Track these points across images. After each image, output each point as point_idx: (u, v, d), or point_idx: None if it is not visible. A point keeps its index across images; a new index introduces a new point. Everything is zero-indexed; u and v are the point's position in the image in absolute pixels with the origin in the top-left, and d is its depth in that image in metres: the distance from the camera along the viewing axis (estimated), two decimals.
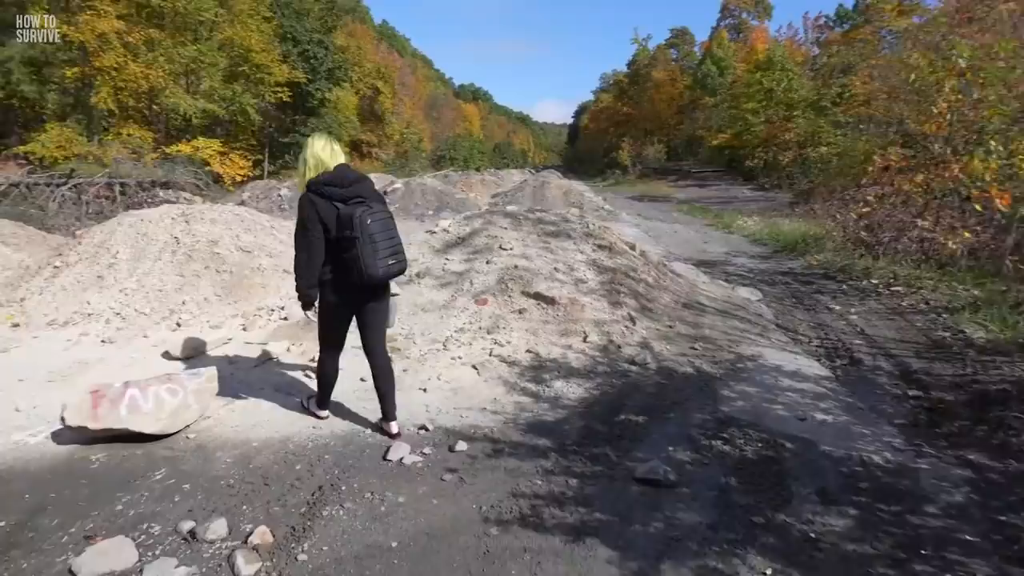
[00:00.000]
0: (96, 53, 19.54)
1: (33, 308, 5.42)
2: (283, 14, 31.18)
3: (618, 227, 13.23)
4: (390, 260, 2.83)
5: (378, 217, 2.81)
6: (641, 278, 5.61)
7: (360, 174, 3.01)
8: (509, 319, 4.71)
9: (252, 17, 27.73)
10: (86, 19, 18.94)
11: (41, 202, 15.35)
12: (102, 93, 19.70)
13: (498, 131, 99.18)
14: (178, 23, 23.77)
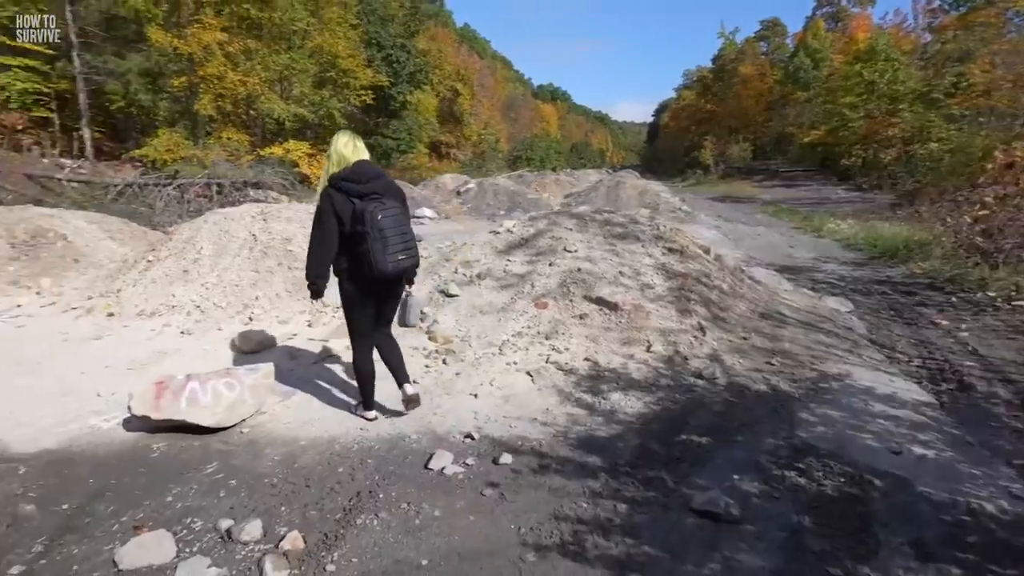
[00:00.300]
0: (201, 63, 21.17)
1: (127, 299, 5.83)
2: (369, 20, 32.47)
3: (694, 229, 12.62)
4: (400, 255, 2.88)
5: (390, 213, 2.85)
6: (714, 284, 5.23)
7: (379, 171, 3.03)
8: (569, 324, 4.52)
9: (340, 25, 29.06)
10: (193, 32, 20.55)
11: (150, 201, 16.80)
12: (204, 100, 21.28)
13: (576, 131, 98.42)
14: (274, 33, 25.25)
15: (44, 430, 3.25)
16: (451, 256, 5.89)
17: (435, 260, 6.04)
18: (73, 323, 5.45)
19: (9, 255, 7.31)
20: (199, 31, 20.58)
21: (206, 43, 20.72)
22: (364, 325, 3.19)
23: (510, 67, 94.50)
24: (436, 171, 31.84)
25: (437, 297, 5.10)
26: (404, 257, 2.91)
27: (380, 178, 2.99)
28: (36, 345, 4.82)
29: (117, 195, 16.76)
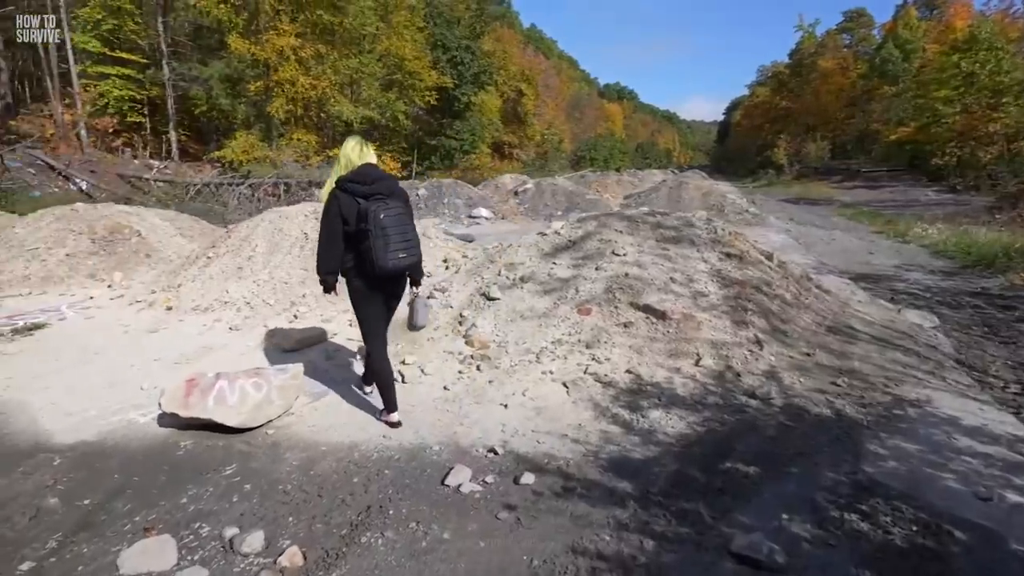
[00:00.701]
0: (275, 68, 22.18)
1: (185, 294, 6.06)
2: (435, 23, 32.99)
3: (761, 233, 11.91)
4: (400, 253, 2.98)
5: (392, 213, 2.96)
6: (776, 293, 4.81)
7: (383, 173, 3.14)
8: (612, 333, 4.26)
9: (407, 28, 29.69)
10: (268, 38, 21.56)
11: (224, 199, 17.75)
12: (276, 103, 22.27)
13: (642, 130, 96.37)
14: (345, 38, 26.08)
15: (87, 421, 3.35)
16: (496, 258, 5.74)
17: (480, 262, 5.90)
18: (135, 316, 5.71)
19: (89, 250, 7.81)
20: (274, 37, 21.54)
21: (280, 48, 21.67)
22: (374, 323, 3.26)
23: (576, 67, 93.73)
24: (497, 171, 31.92)
25: (478, 300, 4.96)
26: (404, 255, 3.00)
27: (384, 180, 3.10)
28: (99, 336, 5.07)
29: (196, 193, 17.79)
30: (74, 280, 7.21)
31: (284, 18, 23.03)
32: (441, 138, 34.78)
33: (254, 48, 21.56)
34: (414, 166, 34.30)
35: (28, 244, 7.82)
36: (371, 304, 3.20)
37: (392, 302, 3.33)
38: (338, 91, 25.23)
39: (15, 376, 4.07)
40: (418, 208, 15.85)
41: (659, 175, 40.11)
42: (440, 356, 4.25)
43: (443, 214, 15.21)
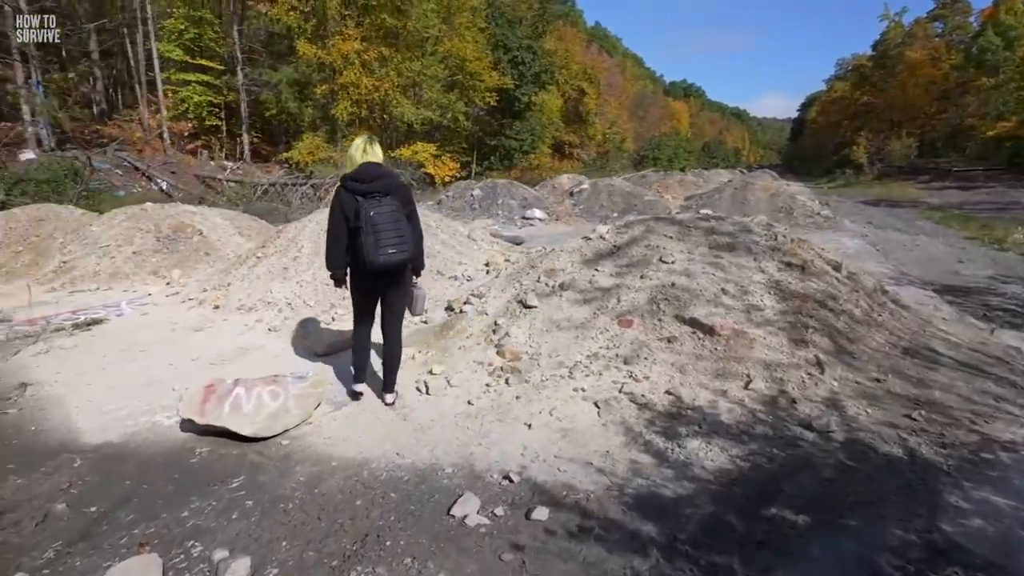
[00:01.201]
0: (340, 71, 22.85)
1: (232, 293, 6.18)
2: (497, 24, 33.03)
3: (834, 238, 11.06)
4: (391, 249, 3.09)
5: (384, 210, 3.09)
6: (843, 309, 4.31)
7: (383, 171, 3.25)
8: (653, 348, 3.94)
9: (469, 29, 29.86)
10: (334, 43, 22.22)
11: (289, 199, 18.40)
12: (341, 106, 22.93)
13: (709, 128, 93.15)
14: (408, 41, 26.50)
15: (117, 420, 3.39)
16: (537, 263, 5.51)
17: (521, 266, 5.69)
18: (185, 314, 5.87)
19: (154, 247, 8.18)
20: (339, 42, 22.19)
21: (345, 52, 22.29)
22: (360, 308, 3.56)
23: (640, 65, 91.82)
24: (557, 171, 31.61)
25: (514, 307, 4.75)
26: (394, 251, 3.11)
27: (383, 178, 3.22)
28: (148, 333, 5.22)
29: (263, 193, 18.54)
30: (138, 277, 7.56)
31: (350, 23, 23.70)
32: (501, 138, 34.79)
33: (320, 52, 22.30)
34: (473, 166, 34.52)
35: (101, 241, 8.29)
36: (363, 296, 3.47)
37: (396, 293, 3.47)
38: (400, 93, 25.67)
39: (63, 371, 4.22)
40: (472, 209, 15.84)
41: (725, 175, 38.51)
42: (469, 367, 4.07)
43: (496, 215, 15.11)
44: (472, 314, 4.92)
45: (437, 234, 7.03)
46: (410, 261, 3.30)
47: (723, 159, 73.64)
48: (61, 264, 7.94)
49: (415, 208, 3.41)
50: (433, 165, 28.48)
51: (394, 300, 3.48)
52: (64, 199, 14.38)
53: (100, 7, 24.69)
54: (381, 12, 24.25)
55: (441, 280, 6.05)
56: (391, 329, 3.54)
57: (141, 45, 23.16)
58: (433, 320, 5.24)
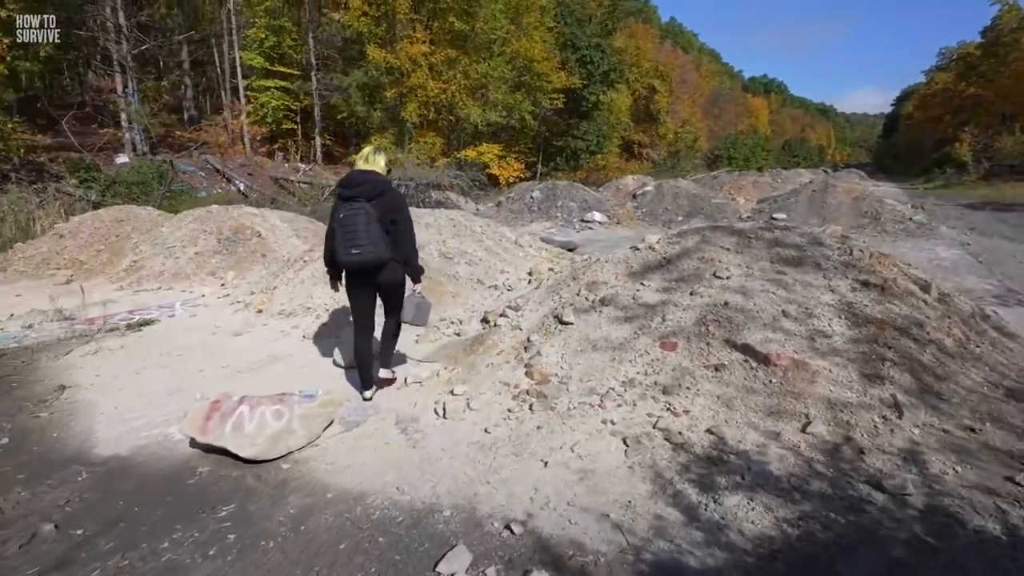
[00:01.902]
0: (408, 75, 23.24)
1: (277, 297, 6.22)
2: (566, 23, 32.57)
3: (927, 247, 9.92)
4: (353, 250, 3.31)
5: (352, 212, 3.29)
6: (930, 338, 3.68)
7: (369, 178, 3.43)
8: (698, 377, 3.50)
9: (537, 29, 29.59)
10: (402, 47, 22.62)
11: None
12: (409, 108, 23.31)
13: (791, 125, 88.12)
14: (476, 43, 26.59)
15: (133, 431, 3.37)
16: (579, 274, 5.15)
17: (563, 277, 5.35)
18: (230, 316, 5.95)
19: (215, 249, 8.46)
20: (407, 46, 22.56)
21: (412, 55, 22.64)
22: (353, 312, 3.74)
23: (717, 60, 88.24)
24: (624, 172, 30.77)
25: (550, 323, 4.42)
26: (357, 252, 3.30)
27: (365, 184, 3.40)
28: (190, 336, 5.30)
29: (330, 195, 19.10)
30: (197, 277, 7.82)
31: (419, 26, 24.07)
32: (567, 138, 34.28)
33: (389, 56, 22.77)
34: (539, 167, 34.26)
35: (168, 242, 8.68)
36: (352, 298, 3.69)
37: (388, 294, 3.71)
38: (467, 95, 25.77)
39: (102, 374, 4.32)
40: (531, 211, 15.57)
41: (807, 175, 36.24)
42: (494, 388, 3.79)
43: (555, 218, 14.76)
44: (506, 328, 4.64)
45: (482, 240, 6.81)
46: (375, 263, 3.39)
47: (805, 158, 69.39)
48: (132, 263, 8.37)
49: (403, 215, 3.54)
50: (498, 166, 28.47)
51: (388, 302, 3.77)
52: (150, 200, 15.39)
53: (193, 21, 26.44)
54: (449, 15, 24.49)
55: (481, 289, 5.81)
56: (388, 323, 3.87)
57: (227, 55, 24.56)
58: (466, 333, 5.01)
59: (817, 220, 12.70)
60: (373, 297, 3.69)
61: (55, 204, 12.25)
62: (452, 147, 26.98)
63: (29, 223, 11.38)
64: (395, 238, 3.50)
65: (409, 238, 3.59)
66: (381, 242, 3.35)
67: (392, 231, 3.48)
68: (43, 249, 9.62)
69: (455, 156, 25.98)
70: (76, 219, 10.71)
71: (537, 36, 29.15)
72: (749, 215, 13.84)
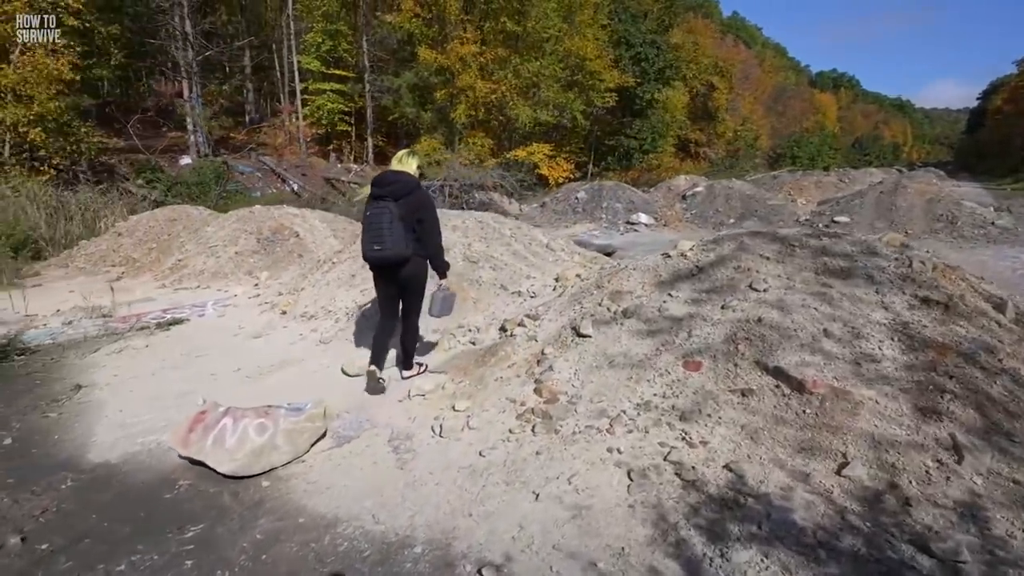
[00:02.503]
0: (458, 75, 23.28)
1: (303, 298, 6.20)
2: (620, 19, 31.85)
3: (1012, 256, 8.94)
4: (375, 245, 3.54)
5: (378, 210, 3.51)
6: (1002, 367, 3.16)
7: (398, 178, 3.61)
8: (722, 402, 3.14)
9: (590, 27, 29.02)
10: (452, 47, 22.68)
11: None
12: (458, 110, 23.36)
13: (862, 122, 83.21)
14: (528, 42, 26.32)
15: (127, 437, 3.34)
16: (604, 282, 4.83)
17: (588, 285, 5.04)
18: (256, 317, 5.97)
19: (254, 248, 8.61)
20: (457, 46, 22.60)
21: (462, 56, 22.66)
22: (379, 303, 4.03)
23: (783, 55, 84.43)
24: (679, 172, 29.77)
25: (567, 335, 4.13)
26: (378, 248, 3.53)
27: (394, 184, 3.59)
28: (214, 336, 5.33)
29: None
30: (235, 277, 7.97)
31: (469, 27, 24.06)
32: (620, 138, 33.52)
33: (440, 57, 22.88)
34: (591, 167, 33.69)
35: (211, 241, 8.91)
36: (377, 288, 3.95)
37: (405, 291, 3.86)
38: (517, 94, 25.51)
39: (121, 374, 4.36)
40: (575, 212, 15.21)
41: (878, 175, 34.01)
42: (499, 405, 3.55)
43: (600, 219, 14.35)
44: (521, 339, 4.39)
45: (510, 243, 6.56)
46: (395, 260, 3.58)
47: (878, 156, 65.36)
48: (177, 262, 8.63)
49: (428, 214, 3.70)
50: (547, 166, 28.13)
51: (406, 300, 3.92)
52: (207, 200, 16.03)
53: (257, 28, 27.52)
54: (501, 16, 24.33)
55: (503, 295, 5.57)
56: (404, 320, 4.01)
57: (286, 59, 25.41)
58: (483, 342, 4.78)
59: (884, 224, 11.74)
60: (395, 291, 3.87)
61: (119, 203, 12.90)
62: (503, 147, 26.81)
63: (94, 221, 12.02)
64: (420, 236, 3.68)
65: (434, 237, 3.77)
66: (402, 240, 3.53)
67: (418, 230, 3.66)
68: (103, 247, 10.11)
69: (504, 156, 25.85)
70: (135, 218, 11.23)
71: (590, 34, 28.60)
72: (808, 218, 12.97)
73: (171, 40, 19.39)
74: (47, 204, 11.68)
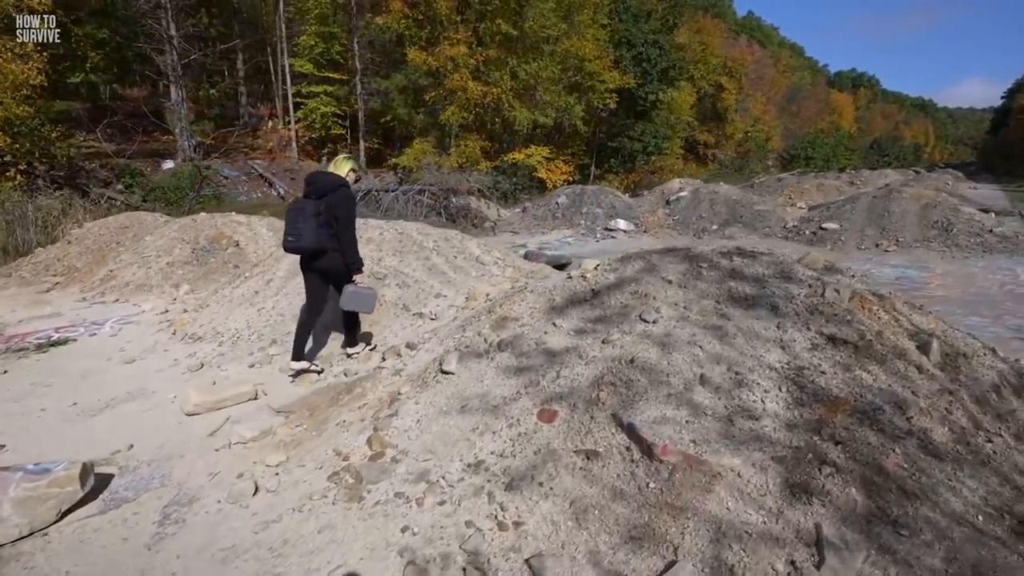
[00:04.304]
0: (448, 76, 22.78)
1: (203, 316, 5.73)
2: (620, 19, 31.13)
3: (1007, 267, 8.17)
4: (290, 237, 3.91)
5: (296, 207, 3.96)
6: (910, 427, 2.54)
7: (323, 178, 4.06)
8: (562, 466, 2.58)
9: (590, 27, 28.32)
10: (441, 49, 22.22)
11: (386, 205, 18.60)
12: (449, 111, 22.88)
13: (881, 123, 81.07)
14: (525, 43, 25.70)
15: None
16: (496, 307, 4.27)
17: (481, 308, 4.48)
18: (148, 337, 5.52)
19: (186, 259, 8.19)
20: (446, 47, 22.13)
21: (451, 56, 22.17)
22: (306, 292, 4.27)
23: (800, 55, 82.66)
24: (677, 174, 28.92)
25: (431, 371, 3.58)
26: (292, 239, 3.89)
27: (318, 184, 4.02)
28: (84, 362, 4.88)
29: (363, 200, 18.93)
30: (159, 289, 7.54)
31: (462, 28, 23.53)
32: (623, 140, 32.75)
33: (429, 59, 22.42)
34: (592, 170, 33.01)
35: (147, 251, 8.52)
36: (304, 279, 4.23)
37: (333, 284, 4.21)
38: (514, 96, 24.90)
39: None
40: (555, 218, 14.62)
41: (894, 175, 32.86)
42: (320, 459, 3.02)
43: (578, 225, 13.75)
44: (387, 373, 3.86)
45: (429, 257, 6.02)
46: (308, 250, 3.96)
47: (897, 157, 63.46)
48: (108, 272, 8.25)
49: (344, 212, 3.99)
50: (545, 169, 27.50)
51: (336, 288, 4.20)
52: (182, 205, 15.76)
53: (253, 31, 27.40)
54: (497, 17, 23.73)
55: (404, 317, 5.04)
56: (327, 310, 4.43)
57: (280, 62, 25.20)
58: (356, 373, 4.25)
59: (875, 231, 10.98)
60: (319, 282, 4.18)
61: (81, 210, 12.63)
62: (501, 150, 26.21)
63: (54, 228, 11.76)
64: (337, 232, 3.98)
65: (347, 233, 4.02)
66: (313, 233, 3.88)
67: (335, 226, 3.97)
68: (52, 255, 9.82)
69: (502, 159, 25.31)
70: (88, 225, 10.93)
71: (589, 34, 27.92)
72: (795, 224, 12.21)
73: (153, 43, 19.21)
74: (7, 211, 11.46)
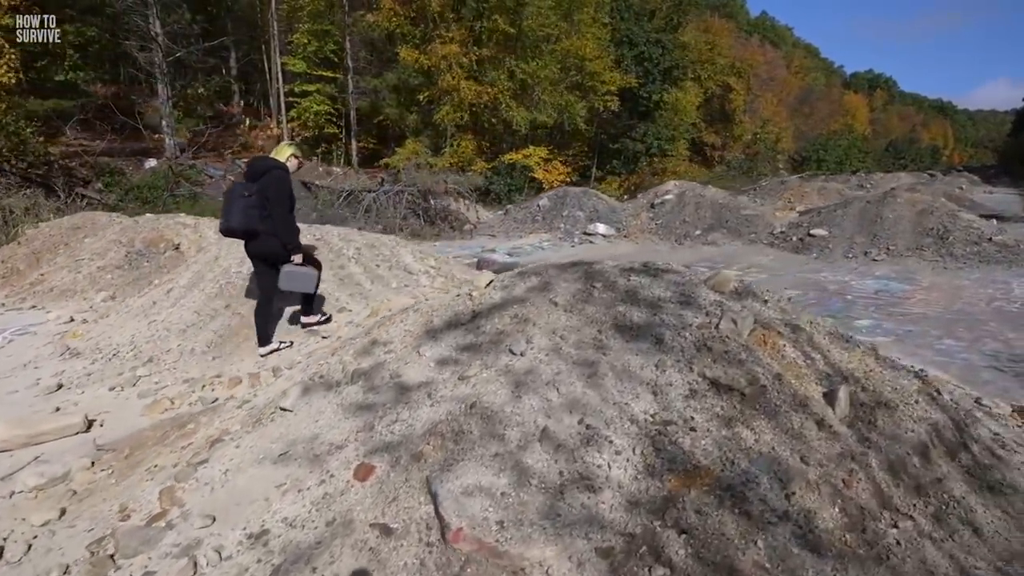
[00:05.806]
0: (442, 75, 22.30)
1: (98, 327, 5.30)
2: (621, 17, 30.48)
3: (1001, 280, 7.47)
4: (223, 219, 3.99)
5: (234, 191, 3.99)
6: (784, 508, 1.96)
7: (262, 163, 4.07)
8: (349, 545, 2.06)
9: (590, 26, 27.68)
10: (433, 47, 21.73)
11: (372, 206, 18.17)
12: (443, 111, 22.38)
13: (898, 125, 79.21)
14: (525, 43, 25.14)
15: None
16: (375, 327, 3.74)
17: (361, 330, 3.96)
18: (35, 350, 5.08)
19: (118, 263, 7.76)
20: (438, 46, 21.65)
21: (445, 55, 21.69)
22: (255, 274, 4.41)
23: (815, 55, 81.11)
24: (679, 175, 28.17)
25: (269, 407, 3.07)
26: (224, 221, 3.98)
27: (256, 167, 4.05)
28: None
29: (346, 201, 18.52)
30: (83, 296, 7.11)
31: (457, 26, 23.03)
32: (625, 140, 32.05)
33: (421, 58, 21.95)
34: (593, 171, 32.39)
35: (81, 254, 8.12)
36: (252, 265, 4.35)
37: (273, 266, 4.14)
38: (511, 96, 24.32)
39: None
40: (535, 221, 14.06)
41: (907, 178, 31.84)
42: (93, 519, 2.52)
43: (558, 228, 13.18)
44: (232, 405, 3.36)
45: (345, 266, 5.50)
46: (240, 231, 3.96)
47: (914, 160, 61.86)
48: (39, 276, 7.86)
49: (275, 194, 3.95)
50: (542, 170, 26.91)
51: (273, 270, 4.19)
52: (157, 205, 15.45)
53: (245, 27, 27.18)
54: (494, 15, 23.17)
55: (293, 334, 4.54)
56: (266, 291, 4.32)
57: (273, 60, 24.93)
58: (213, 402, 3.74)
59: (865, 238, 10.29)
60: (263, 267, 4.17)
61: (45, 210, 12.34)
62: (500, 150, 25.65)
63: (13, 228, 11.46)
64: (270, 213, 3.95)
65: (279, 212, 3.98)
66: (241, 214, 3.88)
67: (268, 207, 3.94)
68: (1, 256, 9.47)
69: (499, 160, 24.78)
70: (42, 226, 10.59)
71: (590, 33, 27.28)
72: (783, 230, 11.52)
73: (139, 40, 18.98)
74: None
